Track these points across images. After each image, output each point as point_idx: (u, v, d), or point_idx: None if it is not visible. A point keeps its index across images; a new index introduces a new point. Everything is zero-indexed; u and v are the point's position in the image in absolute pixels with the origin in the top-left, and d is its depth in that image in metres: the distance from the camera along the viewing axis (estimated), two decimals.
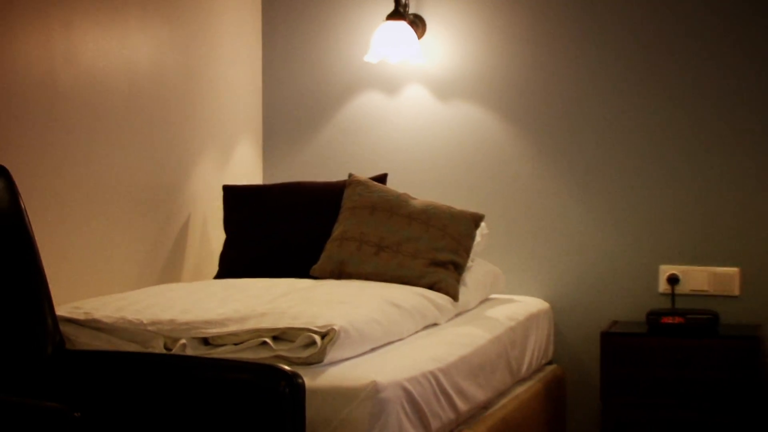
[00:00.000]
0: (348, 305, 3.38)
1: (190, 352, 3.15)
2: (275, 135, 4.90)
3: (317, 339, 3.06)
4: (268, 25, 4.88)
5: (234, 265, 4.24)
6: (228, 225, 4.40)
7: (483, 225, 4.22)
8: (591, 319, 4.53)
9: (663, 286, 4.50)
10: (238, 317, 3.21)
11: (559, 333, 4.59)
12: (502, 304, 4.32)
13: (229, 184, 4.52)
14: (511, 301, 4.42)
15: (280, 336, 3.12)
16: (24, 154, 3.50)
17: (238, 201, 4.42)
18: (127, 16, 4.03)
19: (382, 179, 4.41)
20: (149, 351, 3.19)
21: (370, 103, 4.78)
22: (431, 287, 3.90)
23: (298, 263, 4.11)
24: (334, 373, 3.02)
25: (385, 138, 4.76)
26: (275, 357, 3.06)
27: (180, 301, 3.43)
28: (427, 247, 4.03)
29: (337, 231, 4.15)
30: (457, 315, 3.99)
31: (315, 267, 4.08)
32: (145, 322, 3.25)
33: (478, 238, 4.18)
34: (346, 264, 4.04)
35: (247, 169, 4.81)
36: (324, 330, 3.08)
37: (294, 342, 3.09)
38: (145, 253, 4.17)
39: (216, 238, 4.54)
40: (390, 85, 4.76)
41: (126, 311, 3.31)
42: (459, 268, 4.04)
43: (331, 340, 3.06)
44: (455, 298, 3.95)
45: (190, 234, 4.45)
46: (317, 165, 4.80)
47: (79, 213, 3.78)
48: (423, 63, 4.68)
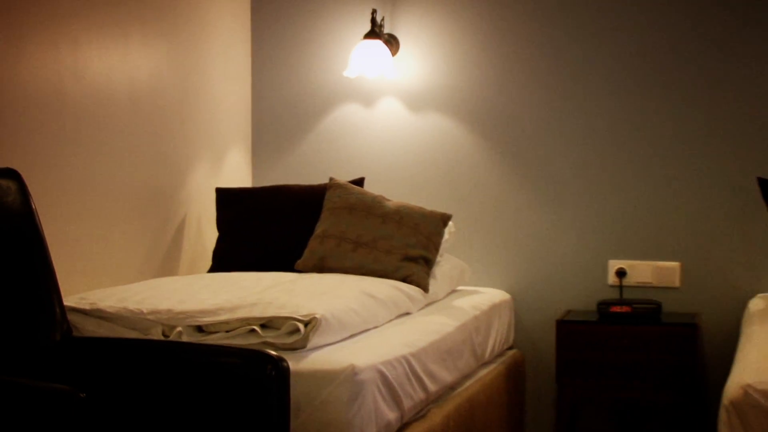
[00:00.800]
0: (328, 296, 3.37)
1: (185, 338, 3.14)
2: (263, 142, 4.89)
3: (301, 327, 3.05)
4: (257, 44, 4.87)
5: (226, 260, 4.22)
6: (220, 224, 4.39)
7: (450, 224, 4.23)
8: (547, 308, 4.54)
9: (612, 279, 4.51)
10: (230, 307, 3.20)
11: (518, 321, 4.60)
12: (467, 295, 4.33)
13: (221, 186, 4.51)
14: (476, 292, 4.42)
15: (267, 324, 3.12)
16: (35, 159, 3.49)
17: (230, 202, 4.41)
18: (129, 36, 4.02)
19: (359, 182, 4.40)
20: (149, 338, 3.18)
21: (348, 114, 4.78)
22: (404, 280, 3.90)
23: (283, 258, 4.10)
24: (316, 357, 3.01)
25: (362, 145, 4.76)
26: (263, 343, 3.05)
27: (177, 292, 3.42)
28: (400, 243, 4.03)
29: (319, 229, 4.14)
30: (427, 305, 3.99)
31: (299, 262, 4.08)
32: (144, 311, 3.24)
33: (446, 236, 4.19)
34: (327, 259, 4.03)
35: (238, 173, 4.80)
36: (307, 318, 3.07)
37: (280, 329, 3.09)
38: (145, 248, 4.15)
39: (209, 235, 4.53)
40: (367, 97, 4.76)
41: (127, 302, 3.30)
42: (429, 263, 4.05)
43: (313, 327, 3.06)
44: (425, 289, 3.95)
45: (186, 232, 4.44)
46: (301, 169, 4.79)
47: (85, 213, 3.76)
48: (396, 78, 4.68)
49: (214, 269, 4.23)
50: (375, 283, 3.73)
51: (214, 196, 4.46)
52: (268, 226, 4.27)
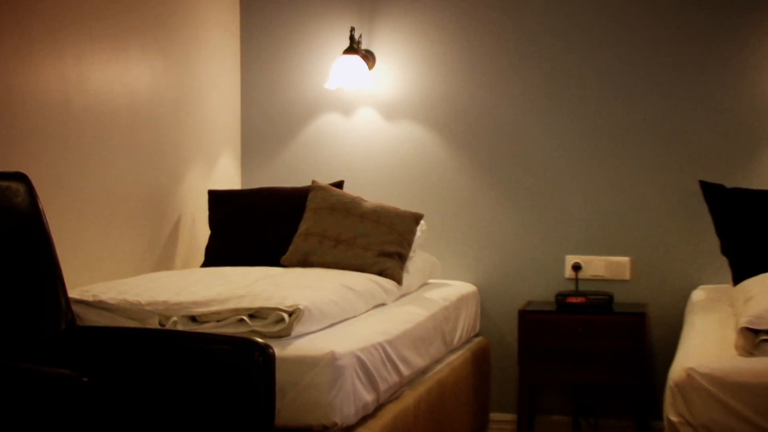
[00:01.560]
0: (311, 289, 3.36)
1: (180, 327, 3.13)
2: (251, 148, 4.88)
3: (285, 316, 3.05)
4: (246, 58, 4.86)
5: (217, 256, 4.21)
6: (212, 223, 4.38)
7: (422, 222, 4.23)
8: (510, 299, 4.55)
9: (568, 272, 4.53)
10: (221, 299, 3.19)
11: (484, 311, 4.61)
12: (437, 287, 4.33)
13: (213, 189, 4.50)
14: (445, 285, 4.42)
15: (255, 314, 3.11)
16: (42, 164, 3.47)
17: (221, 203, 4.40)
18: (128, 51, 4.01)
19: (339, 185, 4.40)
20: (146, 327, 3.16)
21: (329, 123, 4.77)
22: (380, 274, 3.90)
23: (270, 254, 4.09)
24: (299, 344, 3.01)
25: (342, 151, 4.75)
26: (251, 331, 3.05)
27: (172, 285, 3.41)
28: (376, 240, 4.03)
29: (303, 228, 4.14)
30: (401, 296, 3.99)
31: (284, 257, 4.07)
32: (143, 303, 3.22)
33: (418, 233, 4.19)
34: (310, 255, 4.03)
35: (228, 177, 4.79)
36: (291, 309, 3.07)
37: (266, 319, 3.08)
38: (143, 245, 4.14)
39: (202, 233, 4.52)
40: (346, 107, 4.75)
41: (127, 294, 3.29)
42: (403, 258, 4.05)
43: (296, 317, 3.06)
44: (399, 282, 3.96)
45: (181, 230, 4.42)
46: (286, 173, 4.79)
47: (88, 213, 3.75)
48: (373, 90, 4.68)
49: (206, 264, 4.21)
50: (353, 277, 3.73)
51: (206, 198, 4.45)
52: (255, 225, 4.26)
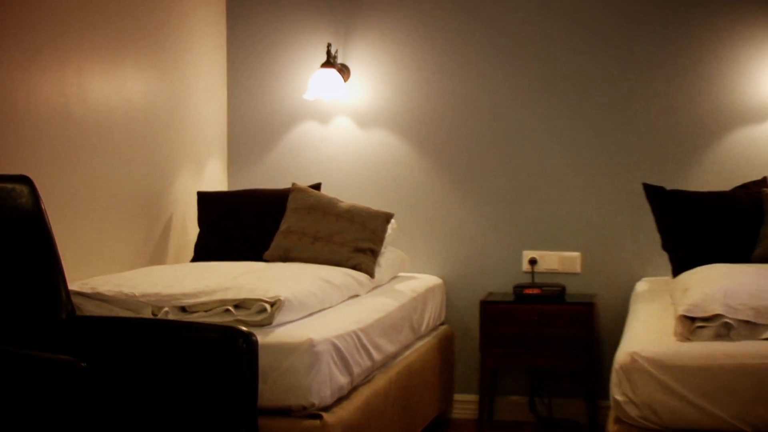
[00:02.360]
0: (291, 281, 3.37)
1: (171, 317, 3.13)
2: (237, 153, 4.86)
3: (267, 307, 3.05)
4: (232, 70, 4.84)
5: (205, 252, 4.20)
6: (201, 221, 4.36)
7: (393, 221, 4.23)
8: (473, 290, 4.55)
9: (525, 266, 4.54)
10: (208, 291, 3.19)
11: (449, 301, 4.61)
12: (407, 280, 4.34)
13: (202, 190, 4.48)
14: (414, 277, 4.43)
15: (239, 305, 3.11)
16: (45, 167, 3.45)
17: (209, 203, 4.38)
18: (125, 64, 3.99)
19: (317, 187, 4.40)
20: (140, 317, 3.16)
21: (308, 130, 4.77)
22: (354, 268, 3.90)
23: (254, 250, 4.08)
24: (280, 332, 3.02)
25: (319, 156, 4.75)
26: (236, 320, 3.05)
27: (164, 279, 3.40)
28: (351, 237, 4.03)
29: (284, 226, 4.13)
30: (374, 288, 4.00)
31: (267, 253, 4.06)
32: (137, 294, 3.22)
33: (389, 231, 4.19)
34: (291, 251, 4.02)
35: (216, 179, 4.77)
36: (273, 300, 3.07)
37: (250, 309, 3.08)
38: (138, 242, 4.12)
39: (192, 231, 4.50)
40: (323, 116, 4.75)
41: (123, 286, 3.28)
42: (375, 254, 4.05)
43: (278, 307, 3.06)
44: (372, 275, 3.96)
45: (172, 228, 4.41)
46: (269, 176, 4.77)
47: (87, 212, 3.73)
48: (348, 100, 4.68)
49: (195, 259, 4.20)
50: (330, 271, 3.73)
51: (195, 198, 4.43)
52: (241, 224, 4.25)
